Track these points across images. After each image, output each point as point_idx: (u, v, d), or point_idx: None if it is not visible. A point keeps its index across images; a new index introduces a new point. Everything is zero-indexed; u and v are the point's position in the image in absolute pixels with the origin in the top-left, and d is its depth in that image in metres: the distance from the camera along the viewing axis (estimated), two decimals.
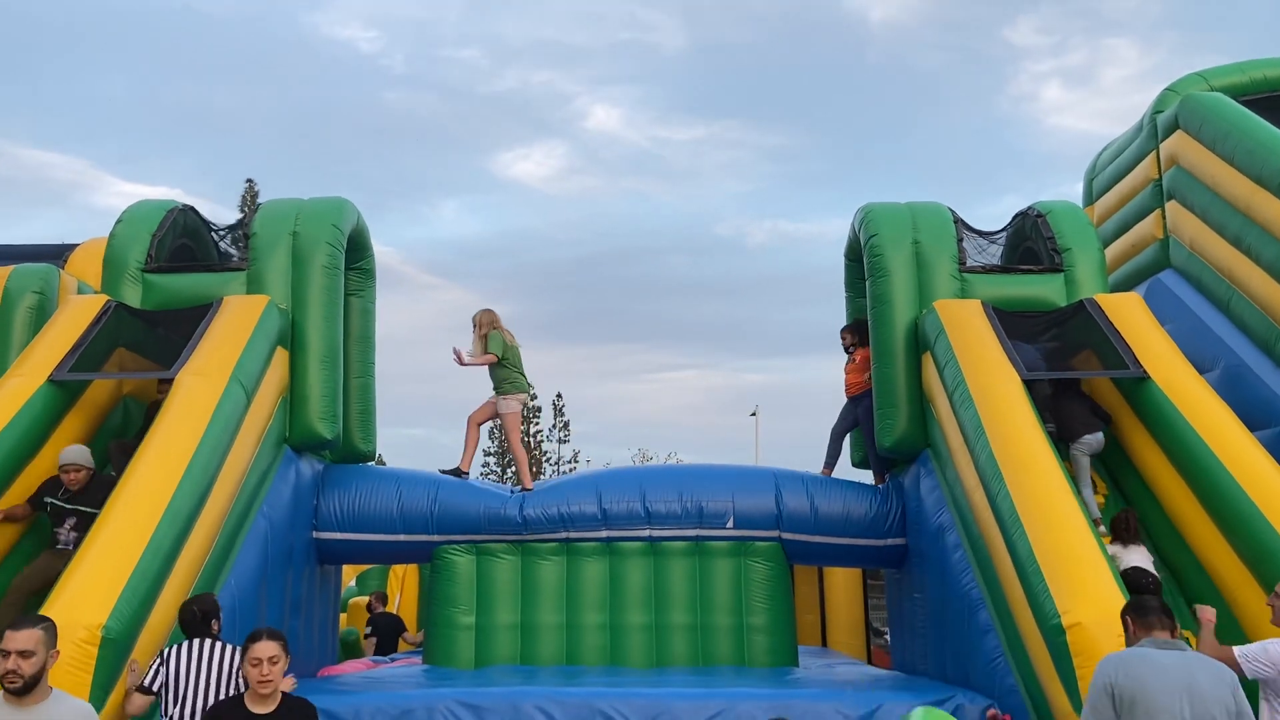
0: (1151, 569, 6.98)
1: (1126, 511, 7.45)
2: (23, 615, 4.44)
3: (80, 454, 7.05)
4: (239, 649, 5.59)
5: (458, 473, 9.33)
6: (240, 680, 5.20)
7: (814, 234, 73.62)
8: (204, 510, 6.65)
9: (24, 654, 4.05)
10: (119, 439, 7.96)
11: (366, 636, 12.76)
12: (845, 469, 9.90)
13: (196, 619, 5.63)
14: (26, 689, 4.06)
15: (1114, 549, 7.02)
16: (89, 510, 6.66)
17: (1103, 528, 7.59)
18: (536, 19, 75.94)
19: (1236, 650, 4.81)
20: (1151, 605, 4.49)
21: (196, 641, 5.50)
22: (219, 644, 5.53)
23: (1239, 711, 4.05)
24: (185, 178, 69.01)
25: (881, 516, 9.06)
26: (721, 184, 75.38)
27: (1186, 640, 6.43)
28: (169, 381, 7.60)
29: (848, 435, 9.78)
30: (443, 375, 68.84)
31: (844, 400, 9.70)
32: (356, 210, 9.35)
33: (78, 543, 6.34)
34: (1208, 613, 5.38)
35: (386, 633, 12.44)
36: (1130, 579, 6.52)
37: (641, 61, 75.86)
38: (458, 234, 76.74)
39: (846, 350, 9.62)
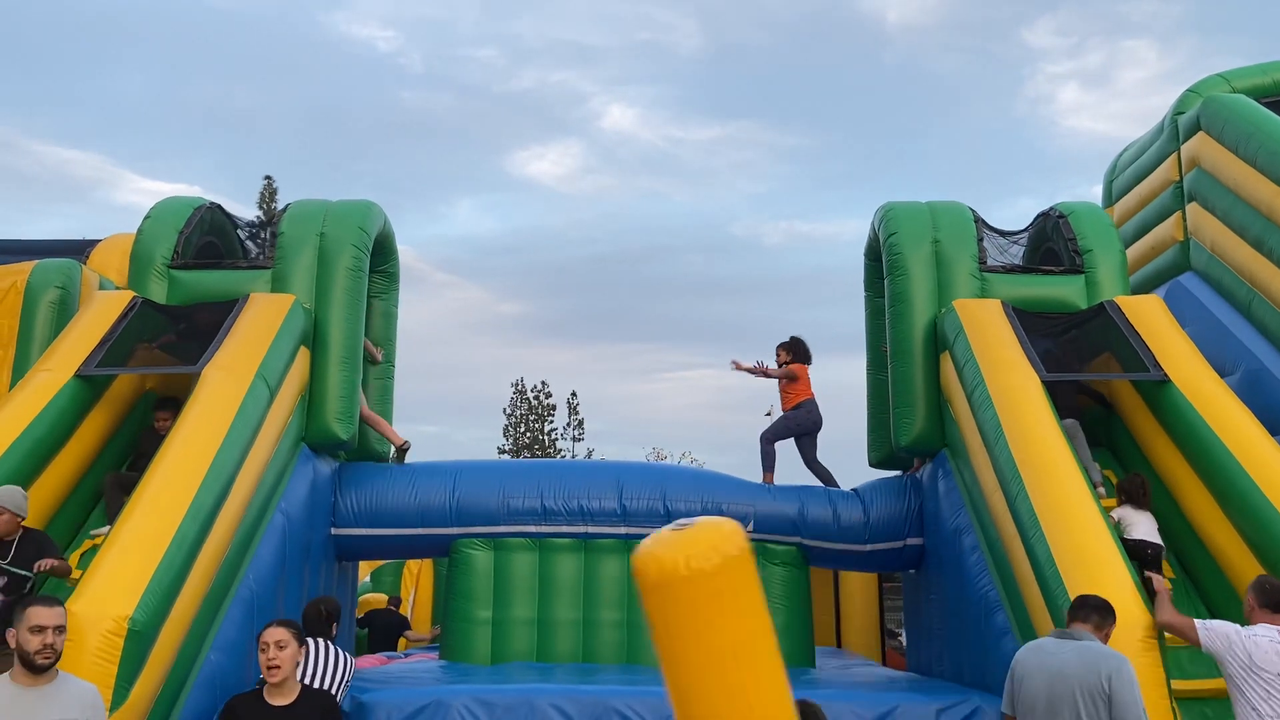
0: (1156, 538, 6.92)
1: (1140, 476, 7.34)
2: (41, 595, 4.44)
3: (9, 498, 5.97)
4: (350, 658, 5.75)
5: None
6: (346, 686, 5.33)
7: (830, 235, 73.35)
8: (225, 505, 6.70)
9: (58, 630, 4.11)
10: (114, 471, 7.77)
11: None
12: (863, 470, 9.92)
13: (321, 618, 5.75)
14: (53, 665, 4.10)
15: (1121, 512, 7.01)
16: (20, 573, 5.80)
17: (1101, 489, 7.61)
18: (553, 19, 75.95)
19: (1198, 621, 5.24)
20: (1082, 604, 4.98)
21: (312, 642, 5.58)
22: (333, 648, 5.61)
23: (1109, 695, 4.45)
24: (204, 175, 69.31)
25: (900, 520, 9.06)
26: (737, 184, 75.20)
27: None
28: (167, 413, 7.67)
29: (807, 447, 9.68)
30: (457, 373, 68.87)
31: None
32: (383, 214, 9.41)
33: (5, 609, 5.43)
34: (1160, 582, 5.79)
35: (383, 630, 12.50)
36: (1131, 549, 6.61)
37: (657, 62, 75.75)
38: (473, 232, 76.80)
39: (779, 365, 9.72)
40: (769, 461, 9.53)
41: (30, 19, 69.09)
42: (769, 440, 9.56)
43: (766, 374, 9.69)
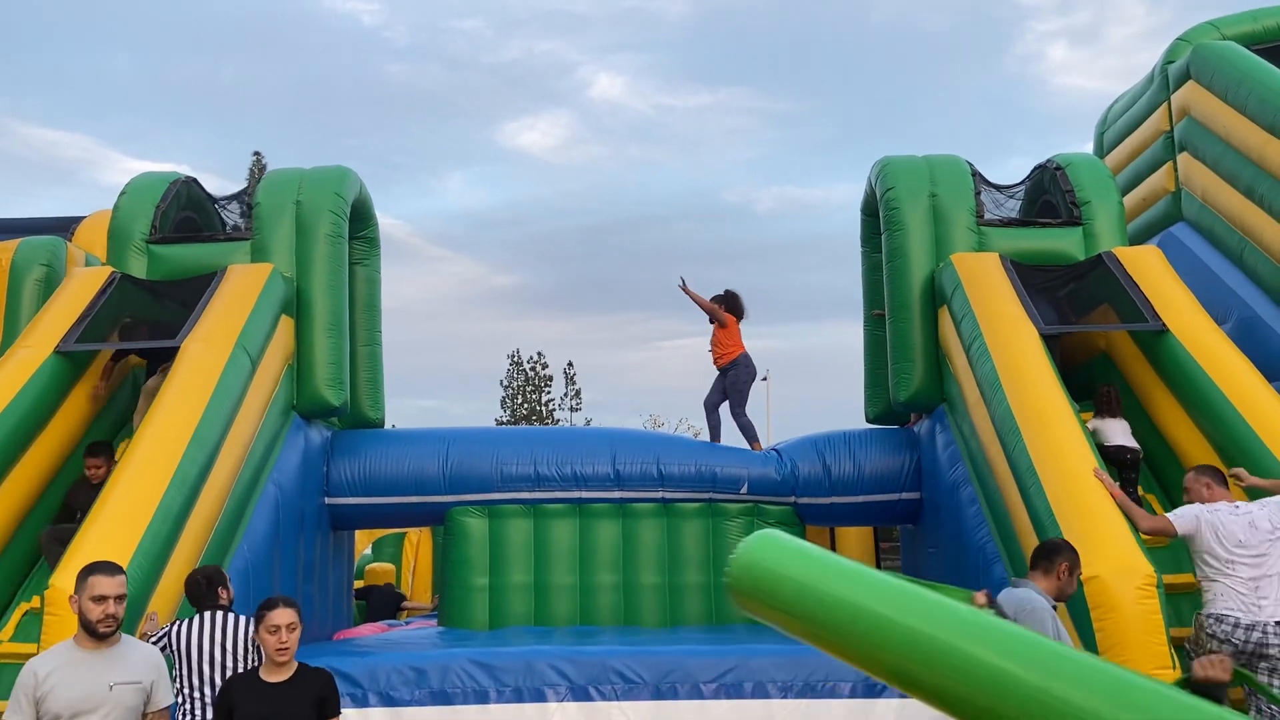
0: (1132, 442, 7.47)
1: (1109, 387, 7.82)
2: (100, 561, 4.35)
3: None
4: (252, 619, 5.53)
5: None
6: (256, 650, 5.07)
7: (821, 199, 73.06)
8: (212, 475, 6.66)
9: (120, 599, 4.11)
10: (53, 525, 7.21)
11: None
12: (859, 425, 9.86)
13: (202, 588, 5.49)
14: (116, 632, 4.12)
15: (1096, 423, 7.48)
16: None
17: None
18: None
19: (1170, 514, 5.81)
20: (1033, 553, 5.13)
21: (208, 614, 5.34)
22: (230, 615, 5.36)
23: None
24: (192, 153, 68.69)
25: (895, 473, 9.05)
26: (728, 151, 74.71)
27: None
28: (99, 459, 7.26)
29: (721, 405, 9.59)
30: (453, 346, 68.78)
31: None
32: (359, 179, 9.30)
33: None
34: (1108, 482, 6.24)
35: (380, 603, 12.50)
36: (1111, 455, 7.12)
37: (644, 29, 75.01)
38: (464, 205, 76.36)
39: (712, 322, 9.54)
40: (751, 431, 9.50)
41: (12, 1, 68.22)
42: (739, 415, 9.47)
43: (702, 304, 9.49)
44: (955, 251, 8.69)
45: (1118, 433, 7.49)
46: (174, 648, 5.27)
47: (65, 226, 11.51)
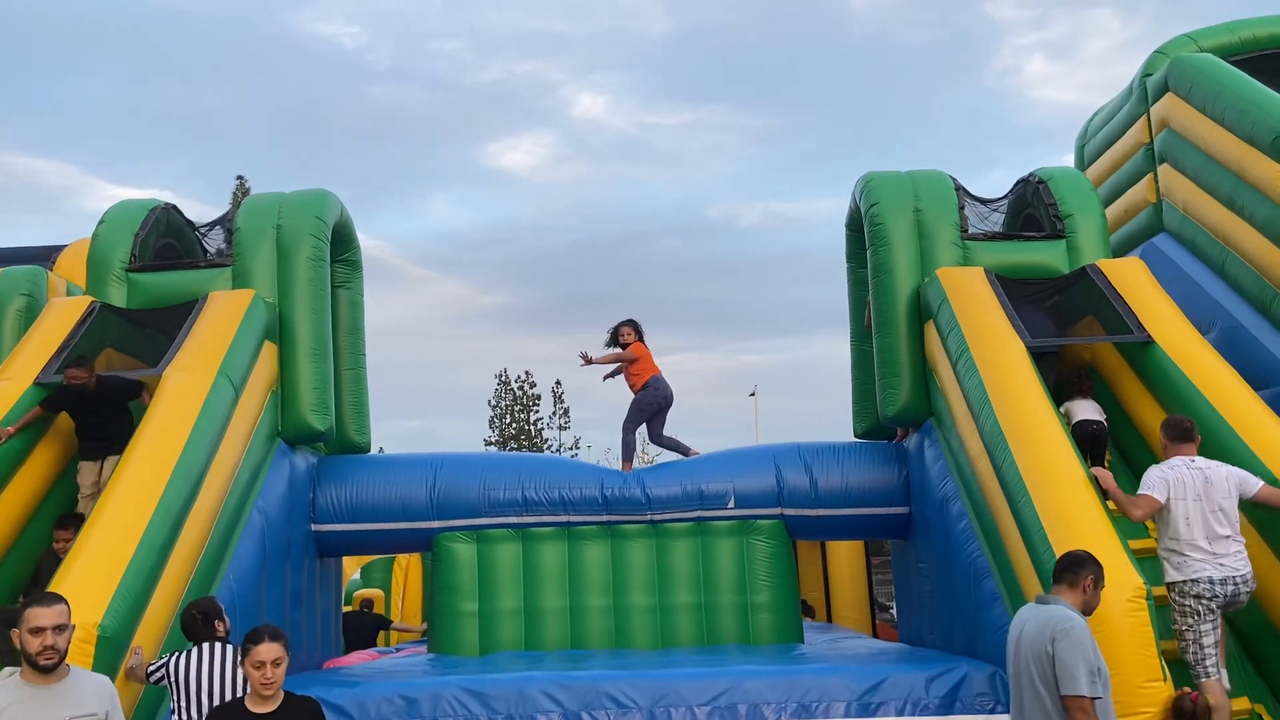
0: (1097, 415, 7.81)
1: (1082, 369, 8.18)
2: (42, 593, 4.26)
3: None
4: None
5: None
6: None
7: (805, 214, 73.39)
8: (196, 505, 6.59)
9: (59, 629, 4.01)
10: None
11: None
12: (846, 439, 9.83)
13: (198, 622, 5.48)
14: (58, 665, 4.01)
15: (1067, 405, 7.80)
16: None
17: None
18: (519, 8, 75.64)
19: (1143, 491, 5.96)
20: (1056, 565, 5.08)
21: (206, 646, 5.34)
22: (227, 647, 5.34)
23: (1052, 655, 4.55)
24: (175, 179, 68.57)
25: (883, 486, 9.01)
26: (711, 167, 75.05)
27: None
28: (68, 531, 6.64)
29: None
30: (440, 367, 68.64)
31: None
32: (340, 202, 9.27)
33: None
34: (1105, 477, 6.31)
35: (356, 632, 12.27)
36: (1078, 431, 7.35)
37: (625, 48, 75.50)
38: (450, 226, 76.40)
39: (622, 347, 9.51)
40: (629, 451, 9.45)
41: None
42: (628, 429, 9.43)
43: (610, 360, 9.50)
44: (940, 266, 8.72)
45: (1084, 411, 7.76)
46: (172, 679, 5.25)
47: (46, 255, 11.47)
